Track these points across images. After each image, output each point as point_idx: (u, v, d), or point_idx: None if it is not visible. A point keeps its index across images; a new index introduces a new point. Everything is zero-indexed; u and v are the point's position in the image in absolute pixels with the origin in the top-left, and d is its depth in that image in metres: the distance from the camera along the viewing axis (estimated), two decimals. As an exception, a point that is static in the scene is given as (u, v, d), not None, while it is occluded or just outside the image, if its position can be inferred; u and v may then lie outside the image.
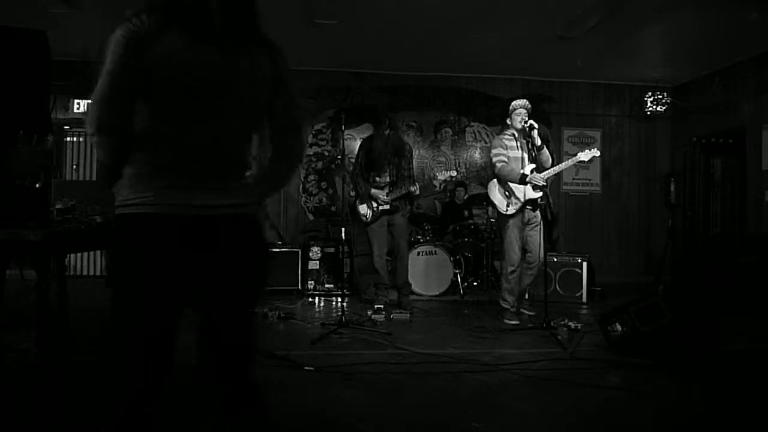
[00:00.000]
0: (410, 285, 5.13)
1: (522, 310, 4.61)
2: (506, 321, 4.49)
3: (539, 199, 4.37)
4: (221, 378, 1.36)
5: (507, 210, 4.48)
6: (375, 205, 4.82)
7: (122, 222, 1.28)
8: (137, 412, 1.25)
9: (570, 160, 4.49)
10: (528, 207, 4.45)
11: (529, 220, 4.49)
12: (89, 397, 2.47)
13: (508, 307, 4.57)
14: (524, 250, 4.53)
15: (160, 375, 1.28)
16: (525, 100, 4.51)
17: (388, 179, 4.86)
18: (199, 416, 1.36)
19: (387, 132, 4.79)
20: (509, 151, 4.49)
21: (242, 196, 1.39)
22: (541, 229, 4.46)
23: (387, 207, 4.81)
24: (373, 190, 4.81)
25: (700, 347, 3.35)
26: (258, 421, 1.35)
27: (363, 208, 4.86)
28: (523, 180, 4.33)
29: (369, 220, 4.85)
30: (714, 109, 6.95)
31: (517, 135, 4.51)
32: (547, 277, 4.39)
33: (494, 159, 4.52)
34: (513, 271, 4.50)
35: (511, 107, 4.53)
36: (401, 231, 4.90)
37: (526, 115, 4.40)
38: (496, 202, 4.58)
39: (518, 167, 4.42)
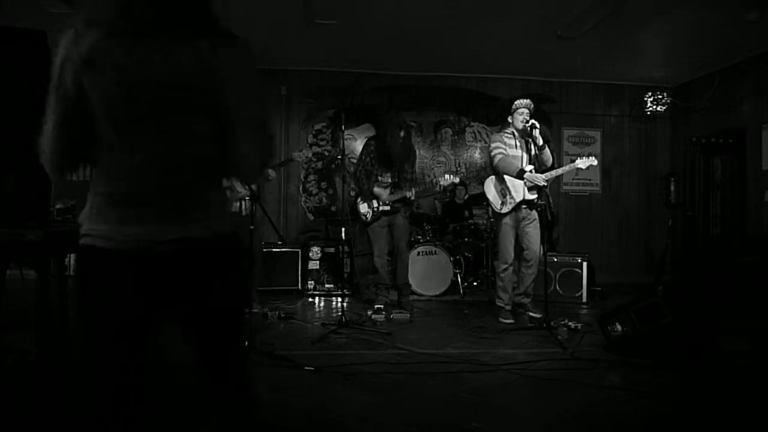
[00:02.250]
0: (410, 285, 5.14)
1: (530, 314, 4.56)
2: (501, 320, 4.50)
3: (536, 200, 4.37)
4: (212, 379, 1.35)
5: (501, 209, 4.49)
6: (375, 204, 4.82)
7: (80, 253, 1.23)
8: (114, 417, 1.26)
9: (567, 167, 4.52)
10: (523, 206, 4.45)
11: (524, 217, 4.48)
12: (89, 397, 2.47)
13: (502, 305, 4.57)
14: (521, 248, 4.53)
15: (132, 383, 1.26)
16: (528, 100, 4.50)
17: (390, 180, 4.86)
18: (195, 414, 1.35)
19: (402, 134, 4.80)
20: (508, 149, 4.50)
21: (204, 225, 1.23)
22: (538, 226, 4.46)
23: (387, 208, 4.81)
24: (376, 188, 4.82)
25: (700, 347, 3.35)
26: (246, 418, 1.34)
27: (363, 208, 4.86)
28: (520, 175, 4.33)
29: (369, 219, 4.85)
30: (714, 109, 6.96)
31: (517, 134, 4.51)
32: (547, 277, 4.39)
33: (493, 153, 4.52)
34: (505, 269, 4.52)
35: (513, 106, 4.52)
36: (401, 232, 4.91)
37: (529, 114, 4.40)
38: (490, 199, 4.59)
39: (518, 165, 4.42)
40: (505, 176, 4.45)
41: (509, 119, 4.56)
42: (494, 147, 4.53)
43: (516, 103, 4.51)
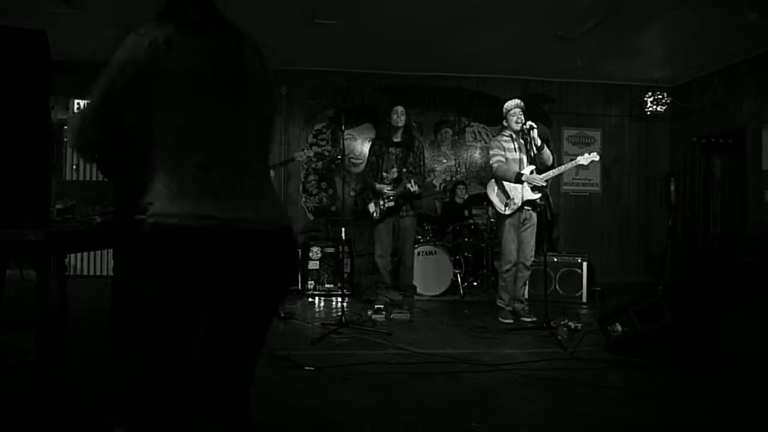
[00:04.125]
0: (415, 288, 5.14)
1: (523, 319, 4.57)
2: (501, 320, 4.50)
3: (538, 200, 4.38)
4: (216, 382, 1.33)
5: (505, 210, 4.49)
6: (381, 202, 4.83)
7: (156, 233, 1.19)
8: (152, 411, 1.24)
9: (569, 164, 4.52)
10: (527, 207, 4.45)
11: (525, 219, 4.49)
12: (89, 397, 2.47)
13: (503, 305, 4.58)
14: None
15: (174, 376, 1.24)
16: (517, 100, 4.53)
17: (395, 175, 4.86)
18: (195, 417, 1.34)
19: (404, 118, 4.81)
20: (507, 153, 4.51)
21: (273, 208, 1.30)
22: (534, 231, 4.49)
23: (392, 204, 4.81)
24: (377, 185, 4.83)
25: (700, 347, 3.35)
26: (235, 423, 1.33)
27: (372, 207, 4.88)
28: (518, 179, 4.34)
29: (377, 217, 4.85)
30: (714, 109, 6.95)
31: (515, 136, 4.52)
32: (547, 277, 4.39)
33: (492, 160, 4.55)
34: (508, 270, 4.53)
35: (504, 109, 4.54)
36: (407, 234, 4.91)
37: (522, 114, 4.42)
38: (494, 202, 4.60)
39: (517, 168, 4.42)
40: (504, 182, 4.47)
41: (504, 123, 4.57)
42: (493, 154, 4.56)
43: (506, 105, 4.53)
